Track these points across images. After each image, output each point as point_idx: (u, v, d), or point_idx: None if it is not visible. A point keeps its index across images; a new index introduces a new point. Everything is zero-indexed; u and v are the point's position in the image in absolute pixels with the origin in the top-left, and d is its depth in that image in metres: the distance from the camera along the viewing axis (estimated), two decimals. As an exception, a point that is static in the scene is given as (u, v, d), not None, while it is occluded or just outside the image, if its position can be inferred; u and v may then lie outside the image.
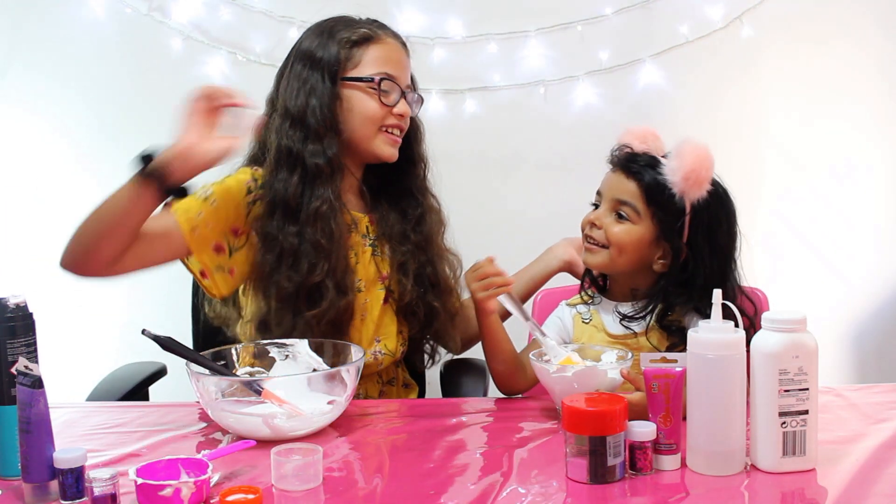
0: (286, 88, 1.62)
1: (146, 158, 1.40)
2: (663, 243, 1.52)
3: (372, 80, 1.60)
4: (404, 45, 1.68)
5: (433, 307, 1.68)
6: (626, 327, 1.55)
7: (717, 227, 1.53)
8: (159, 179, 1.39)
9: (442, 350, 1.80)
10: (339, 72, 1.60)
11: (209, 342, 1.67)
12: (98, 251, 1.47)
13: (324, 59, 1.59)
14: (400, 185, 1.71)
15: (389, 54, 1.63)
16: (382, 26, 1.66)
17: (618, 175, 1.54)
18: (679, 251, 1.51)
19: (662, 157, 1.53)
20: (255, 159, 1.64)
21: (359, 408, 1.45)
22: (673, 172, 1.48)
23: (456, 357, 1.88)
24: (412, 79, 1.70)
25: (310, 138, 1.57)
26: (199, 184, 1.56)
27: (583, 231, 1.59)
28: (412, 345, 1.75)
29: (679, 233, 1.50)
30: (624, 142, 1.57)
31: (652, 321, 1.53)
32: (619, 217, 1.52)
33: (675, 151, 1.49)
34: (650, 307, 1.52)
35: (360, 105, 1.60)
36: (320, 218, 1.55)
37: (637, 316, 1.53)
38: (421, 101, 1.70)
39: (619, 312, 1.55)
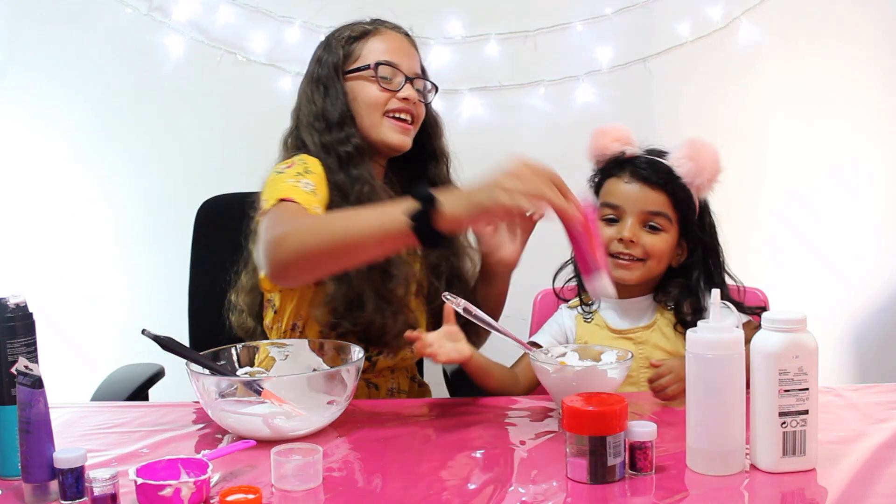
0: (304, 93, 1.68)
1: (427, 200, 1.22)
2: (683, 240, 1.58)
3: (368, 66, 1.63)
4: (407, 35, 1.71)
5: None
6: (630, 332, 1.57)
7: (709, 210, 1.60)
8: (433, 230, 1.22)
9: None
10: (343, 68, 1.65)
11: (207, 342, 1.67)
12: (333, 265, 1.39)
13: (329, 60, 1.65)
14: (425, 182, 1.72)
15: (387, 43, 1.66)
16: (383, 21, 1.70)
17: (640, 187, 1.55)
18: (696, 243, 1.57)
19: (650, 152, 1.56)
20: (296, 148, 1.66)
21: (359, 408, 1.45)
22: (693, 175, 1.52)
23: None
24: (423, 69, 1.72)
25: (333, 130, 1.62)
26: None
27: (607, 247, 1.57)
28: None
29: (693, 227, 1.56)
30: (604, 146, 1.60)
31: (658, 315, 1.57)
32: (651, 228, 1.54)
33: (690, 153, 1.52)
34: (676, 299, 1.58)
35: (363, 93, 1.63)
36: (364, 197, 1.57)
37: (667, 299, 1.59)
38: (435, 88, 1.72)
39: (656, 301, 1.60)
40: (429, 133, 1.73)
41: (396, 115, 1.63)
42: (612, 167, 1.59)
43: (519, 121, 2.53)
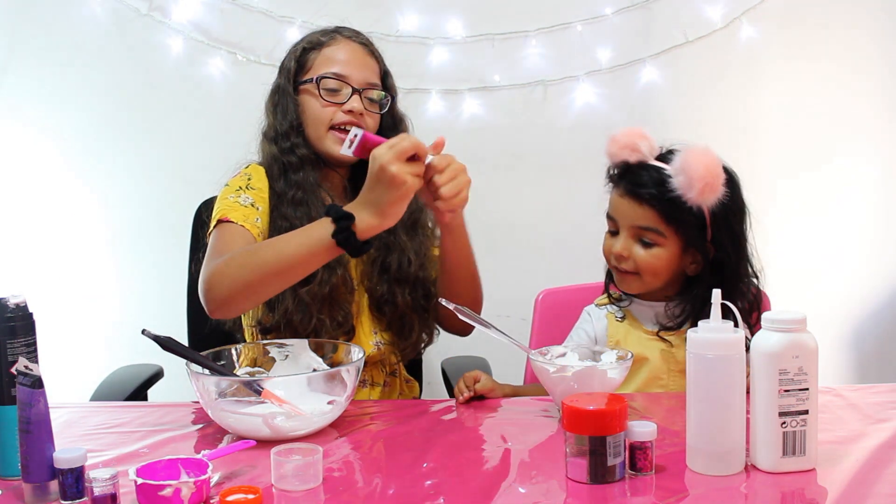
0: (266, 100, 1.73)
1: (342, 217, 1.37)
2: (691, 250, 1.53)
3: (312, 80, 1.65)
4: (365, 45, 1.71)
5: (396, 303, 1.68)
6: (664, 333, 1.56)
7: (733, 216, 1.54)
8: (344, 213, 1.37)
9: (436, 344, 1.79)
10: (295, 78, 1.68)
11: (205, 342, 1.67)
12: (269, 291, 1.48)
13: (286, 68, 1.70)
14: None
15: (337, 55, 1.67)
16: (345, 29, 1.71)
17: (629, 202, 1.53)
18: (707, 253, 1.53)
19: (659, 158, 1.52)
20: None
21: (359, 408, 1.45)
22: (685, 188, 1.46)
23: (459, 354, 1.88)
24: (386, 77, 1.72)
25: (280, 140, 1.67)
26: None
27: (608, 259, 1.59)
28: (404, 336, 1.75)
29: (704, 237, 1.52)
30: (612, 153, 1.55)
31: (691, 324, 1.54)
32: (644, 243, 1.53)
33: (681, 165, 1.46)
34: (688, 314, 1.54)
35: (309, 106, 1.67)
36: (298, 203, 1.63)
37: (675, 325, 1.56)
38: (390, 98, 1.71)
39: (659, 323, 1.57)
40: (389, 134, 1.70)
41: (342, 127, 1.64)
42: (614, 177, 1.57)
43: (519, 121, 2.53)
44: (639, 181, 1.51)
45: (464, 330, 1.73)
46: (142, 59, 2.49)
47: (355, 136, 1.41)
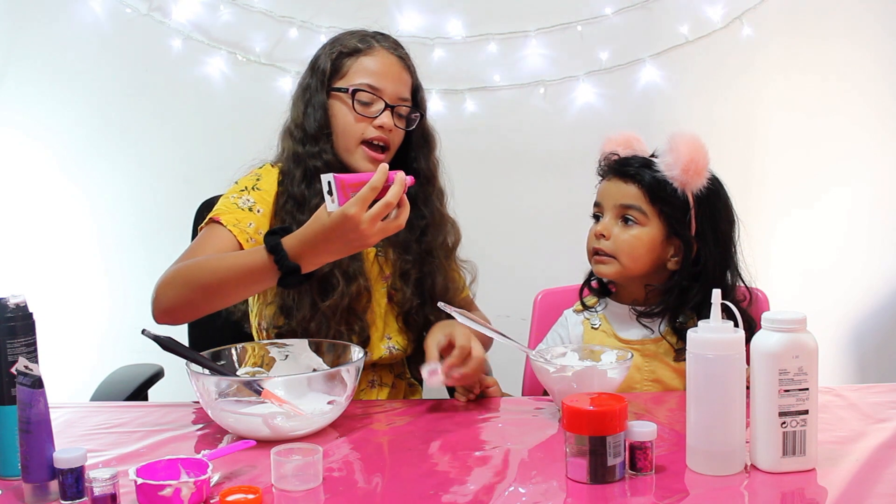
0: (294, 97, 1.69)
1: (277, 247, 1.33)
2: (674, 240, 1.53)
3: (347, 90, 1.61)
4: (403, 59, 1.66)
5: (429, 319, 1.66)
6: (645, 326, 1.55)
7: (719, 216, 1.54)
8: (291, 267, 1.33)
9: None
10: (329, 81, 1.63)
11: (206, 342, 1.67)
12: (210, 308, 1.47)
13: (320, 68, 1.65)
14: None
15: (374, 66, 1.62)
16: (383, 38, 1.66)
17: (615, 182, 1.55)
18: (690, 245, 1.52)
19: (652, 156, 1.54)
20: (277, 157, 1.70)
21: (359, 407, 1.45)
22: (671, 167, 1.48)
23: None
24: (417, 91, 1.68)
25: (308, 143, 1.62)
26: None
27: (589, 249, 1.58)
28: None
29: (688, 226, 1.51)
30: (605, 149, 1.59)
31: (665, 325, 1.53)
32: (626, 222, 1.52)
33: (668, 146, 1.50)
34: (666, 302, 1.53)
35: (341, 115, 1.62)
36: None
37: (654, 312, 1.54)
38: (417, 117, 1.67)
39: (635, 310, 1.56)
40: (416, 150, 1.69)
41: (371, 142, 1.61)
42: (604, 168, 1.60)
43: (519, 121, 2.53)
44: (626, 163, 1.55)
45: (486, 343, 1.71)
46: (142, 59, 2.49)
47: (328, 183, 1.30)
